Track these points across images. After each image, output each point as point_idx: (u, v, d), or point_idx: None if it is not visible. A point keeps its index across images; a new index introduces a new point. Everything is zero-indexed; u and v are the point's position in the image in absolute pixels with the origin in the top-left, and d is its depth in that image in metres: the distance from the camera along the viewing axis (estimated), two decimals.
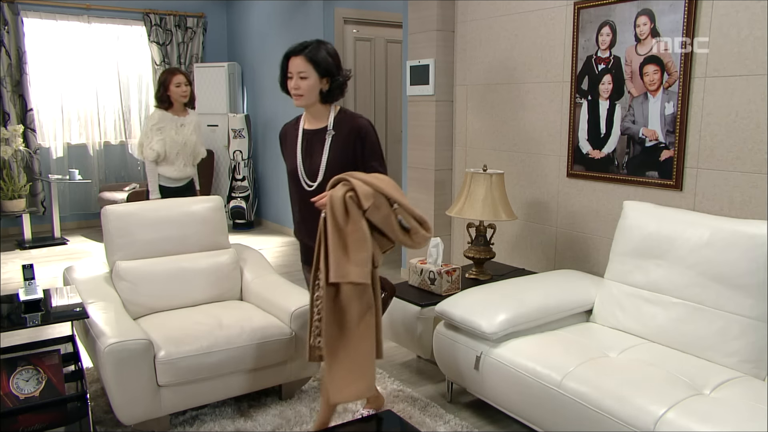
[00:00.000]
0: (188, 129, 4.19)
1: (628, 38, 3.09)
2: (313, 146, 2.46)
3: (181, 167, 4.23)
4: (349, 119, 2.47)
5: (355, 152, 2.43)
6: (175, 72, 4.11)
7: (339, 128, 2.44)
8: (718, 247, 2.40)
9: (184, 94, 4.09)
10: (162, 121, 4.10)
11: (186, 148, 4.18)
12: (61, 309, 2.50)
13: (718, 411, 1.96)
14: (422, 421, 2.75)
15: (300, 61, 2.37)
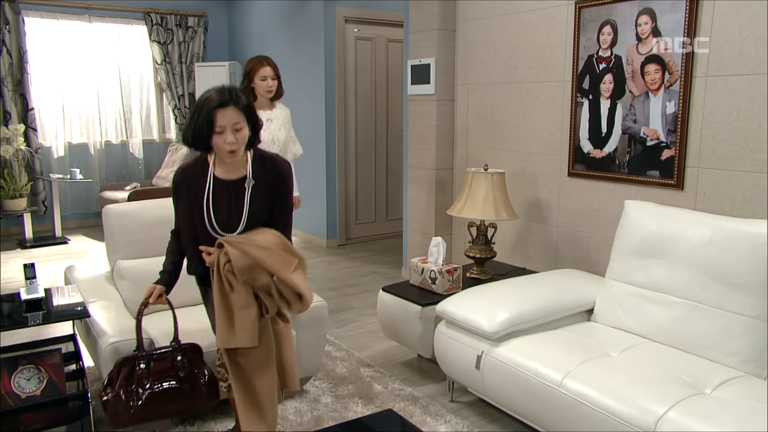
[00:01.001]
0: (275, 125, 3.69)
1: (630, 37, 3.09)
2: (228, 197, 2.23)
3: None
4: (268, 164, 2.28)
5: (277, 197, 2.28)
6: (262, 63, 3.55)
7: (258, 176, 2.24)
8: (719, 246, 2.40)
9: (270, 89, 3.58)
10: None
11: (273, 147, 3.67)
12: (63, 308, 2.50)
13: (718, 410, 1.96)
14: (423, 420, 2.75)
15: (233, 112, 2.07)
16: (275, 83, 3.61)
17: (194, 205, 2.24)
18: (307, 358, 2.88)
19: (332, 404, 2.90)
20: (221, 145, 2.09)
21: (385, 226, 6.62)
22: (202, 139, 2.11)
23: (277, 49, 6.65)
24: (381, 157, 6.50)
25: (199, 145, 2.15)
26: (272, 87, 3.59)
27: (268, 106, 3.70)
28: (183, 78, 7.31)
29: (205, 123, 2.07)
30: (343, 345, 3.62)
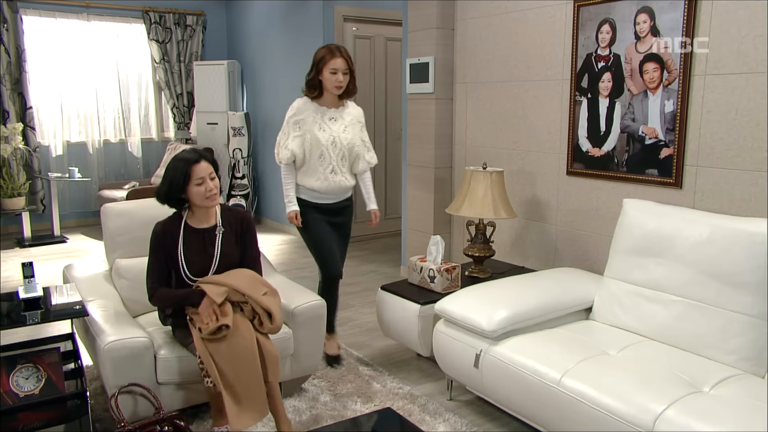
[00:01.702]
0: (340, 125, 3.20)
1: (628, 36, 3.09)
2: (200, 243, 2.60)
3: (328, 175, 3.17)
4: (233, 213, 2.72)
5: (244, 242, 2.69)
6: (334, 53, 3.10)
7: (227, 224, 2.67)
8: (718, 245, 2.40)
9: (339, 84, 3.12)
10: (302, 112, 3.18)
11: (335, 150, 3.16)
12: (61, 307, 2.50)
13: (717, 408, 1.96)
14: (422, 419, 2.75)
15: (206, 165, 2.55)
16: (346, 79, 3.14)
17: (171, 252, 2.57)
18: (305, 357, 2.88)
19: (331, 403, 2.90)
20: (203, 192, 2.52)
21: (383, 224, 6.61)
22: (176, 191, 2.53)
23: (276, 47, 6.65)
24: (380, 155, 6.46)
25: (172, 196, 2.55)
26: (342, 83, 3.13)
27: (335, 103, 3.23)
28: (182, 77, 7.30)
29: (181, 178, 2.50)
30: (342, 344, 3.62)
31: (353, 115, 3.28)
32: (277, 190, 6.94)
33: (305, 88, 3.22)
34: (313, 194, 3.22)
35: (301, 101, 3.22)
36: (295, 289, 3.05)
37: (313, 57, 3.18)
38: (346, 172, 3.25)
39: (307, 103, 3.20)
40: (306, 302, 2.87)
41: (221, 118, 7.00)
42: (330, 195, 3.23)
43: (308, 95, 3.21)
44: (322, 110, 3.19)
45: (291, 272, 5.11)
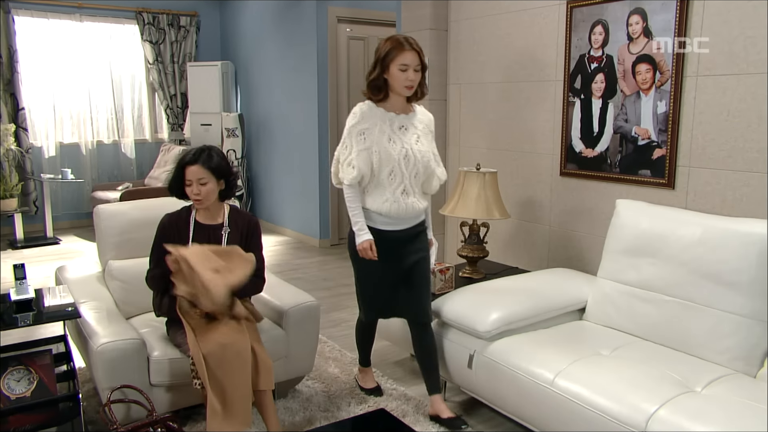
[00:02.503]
0: (412, 134, 2.65)
1: (621, 37, 3.10)
2: (208, 240, 2.61)
3: (399, 196, 2.63)
4: (242, 216, 2.74)
5: (247, 245, 2.67)
6: (403, 46, 2.55)
7: (233, 225, 2.68)
8: (710, 245, 2.41)
9: (410, 83, 2.58)
10: (367, 119, 2.61)
11: (408, 166, 2.62)
12: (53, 309, 2.49)
13: (709, 408, 1.97)
14: (416, 419, 2.75)
15: (197, 169, 2.54)
16: (418, 77, 2.60)
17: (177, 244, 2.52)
18: (299, 358, 2.88)
19: (325, 404, 2.89)
20: (189, 194, 2.57)
21: None
22: (177, 187, 2.61)
23: (270, 48, 6.64)
24: None
25: (174, 191, 2.64)
26: (414, 82, 2.59)
27: (404, 108, 2.69)
28: (175, 78, 7.29)
29: (179, 176, 2.57)
30: (336, 345, 3.62)
31: (424, 122, 2.74)
32: (271, 191, 6.94)
33: (367, 90, 2.67)
34: (378, 219, 2.66)
35: (365, 106, 2.65)
36: (288, 290, 3.04)
37: (375, 51, 2.65)
38: (419, 193, 2.70)
39: (372, 108, 2.64)
40: (299, 303, 2.87)
41: (215, 119, 6.99)
42: (399, 220, 2.67)
43: (372, 98, 2.65)
44: (389, 117, 2.64)
45: (285, 273, 5.11)
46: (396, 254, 2.69)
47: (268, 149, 6.93)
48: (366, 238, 2.62)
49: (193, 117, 7.17)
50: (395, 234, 2.68)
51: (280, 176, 6.76)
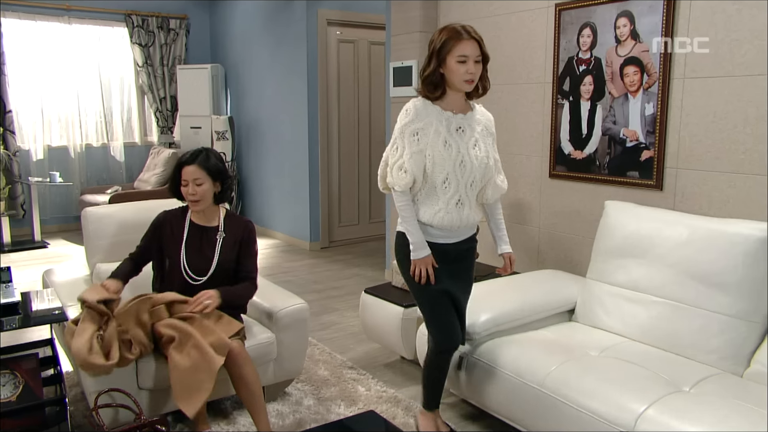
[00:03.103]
0: (469, 137, 2.33)
1: (609, 39, 3.12)
2: (201, 242, 2.65)
3: (452, 207, 2.32)
4: (237, 221, 2.76)
5: (242, 251, 2.70)
6: (461, 36, 2.24)
7: (228, 230, 2.70)
8: (697, 245, 2.42)
9: (470, 77, 2.26)
10: (422, 118, 2.30)
11: (464, 173, 2.31)
12: (40, 312, 2.46)
13: (697, 407, 1.98)
14: (406, 421, 2.75)
15: (194, 169, 2.56)
16: (479, 69, 2.29)
17: (167, 242, 2.64)
18: (288, 360, 2.87)
19: (314, 406, 2.88)
20: (185, 194, 2.60)
21: (368, 228, 6.61)
22: (174, 188, 2.64)
23: (260, 51, 6.63)
24: (364, 159, 6.49)
25: (172, 191, 2.66)
26: (474, 75, 2.27)
27: (462, 106, 2.38)
28: (165, 80, 7.26)
29: (175, 175, 2.61)
30: (326, 347, 3.61)
31: (483, 123, 2.42)
32: (261, 194, 6.92)
33: (422, 86, 2.35)
34: (427, 231, 2.36)
35: (420, 103, 2.33)
36: (278, 292, 3.03)
37: (429, 43, 2.32)
38: (474, 203, 2.40)
39: (427, 105, 2.32)
40: (289, 306, 2.86)
41: (205, 121, 6.97)
42: (451, 233, 2.38)
43: (428, 96, 2.34)
44: (446, 116, 2.33)
45: (275, 276, 5.09)
46: (446, 269, 2.38)
47: (258, 152, 6.91)
48: (424, 255, 2.31)
49: (183, 120, 7.14)
50: (445, 247, 2.38)
51: (270, 179, 6.75)
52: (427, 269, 2.31)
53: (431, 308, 2.39)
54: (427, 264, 2.31)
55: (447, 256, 2.39)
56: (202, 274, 2.62)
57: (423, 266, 2.31)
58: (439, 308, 2.39)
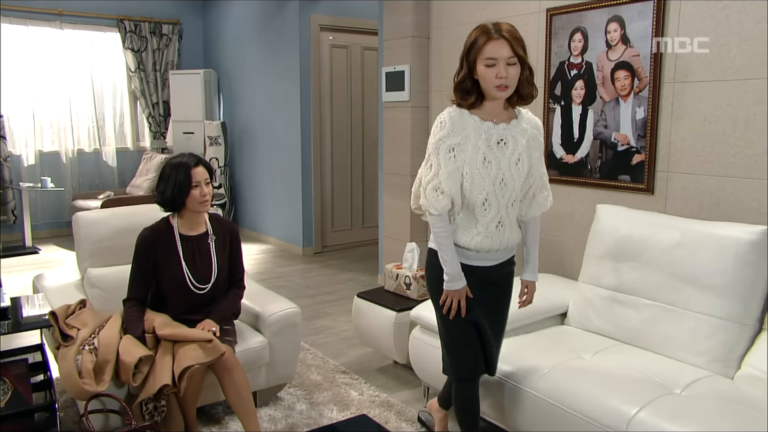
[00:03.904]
0: (512, 151, 2.07)
1: (600, 44, 3.14)
2: (195, 252, 2.64)
3: (492, 230, 2.11)
4: (222, 223, 2.76)
5: (230, 252, 2.73)
6: (490, 35, 1.98)
7: (217, 233, 2.71)
8: (688, 248, 2.43)
9: (501, 83, 1.97)
10: (458, 131, 2.04)
11: (504, 193, 2.08)
12: (30, 318, 2.45)
13: (688, 409, 1.98)
14: (398, 426, 2.74)
15: (202, 170, 2.60)
16: (514, 73, 1.99)
17: (162, 259, 2.58)
18: (281, 365, 2.85)
19: (307, 411, 2.87)
20: (197, 197, 2.55)
21: (361, 233, 6.61)
22: (182, 195, 2.54)
23: (253, 56, 6.63)
24: (357, 164, 6.50)
25: (177, 201, 2.56)
26: (506, 80, 1.98)
27: (503, 115, 2.10)
28: (157, 86, 7.25)
29: (186, 180, 2.53)
30: (319, 352, 3.60)
31: (530, 133, 2.12)
32: (254, 199, 6.90)
33: (455, 95, 2.09)
34: (462, 253, 2.14)
35: (455, 113, 2.06)
36: (270, 297, 3.02)
37: (465, 44, 2.06)
38: (514, 224, 2.19)
39: (463, 116, 2.06)
40: (280, 310, 2.85)
41: (197, 127, 6.96)
42: (489, 256, 2.16)
43: (462, 104, 2.08)
44: (486, 128, 2.06)
45: (268, 281, 5.08)
46: (481, 295, 2.18)
47: (251, 157, 6.91)
48: (459, 287, 2.10)
49: (176, 125, 7.13)
50: (481, 270, 2.17)
51: (263, 184, 6.74)
52: (460, 301, 2.11)
53: (452, 335, 2.21)
54: (461, 296, 2.11)
55: (483, 280, 2.17)
56: (205, 282, 2.63)
57: (456, 298, 2.11)
58: (461, 336, 2.20)
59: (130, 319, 2.54)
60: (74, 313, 2.60)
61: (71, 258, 5.79)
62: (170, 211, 2.64)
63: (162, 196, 2.59)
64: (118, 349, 2.39)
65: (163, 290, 2.63)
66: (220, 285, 2.67)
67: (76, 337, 2.44)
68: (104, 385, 2.33)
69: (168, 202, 2.59)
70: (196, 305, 2.63)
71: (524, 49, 1.99)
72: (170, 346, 2.43)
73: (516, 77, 1.99)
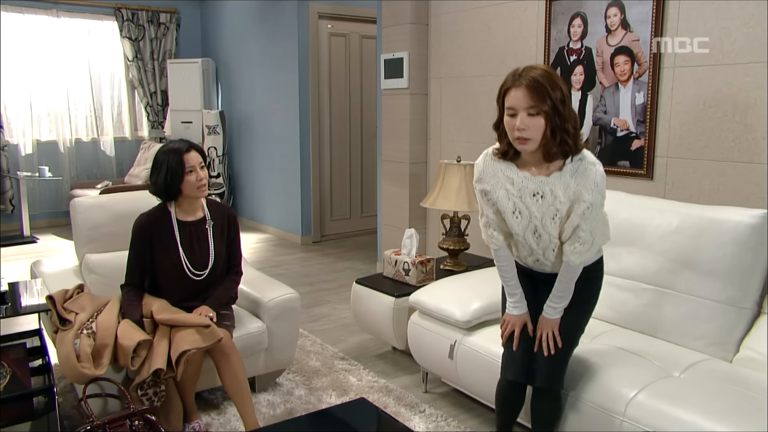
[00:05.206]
0: (551, 204, 1.95)
1: (599, 29, 3.12)
2: (193, 238, 2.61)
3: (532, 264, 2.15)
4: (219, 208, 2.73)
5: (228, 236, 2.70)
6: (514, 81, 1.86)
7: (214, 217, 2.68)
8: (687, 233, 2.43)
9: (520, 134, 1.85)
10: (487, 179, 2.04)
11: (539, 243, 2.04)
12: (29, 303, 2.44)
13: (686, 391, 1.98)
14: (398, 411, 2.74)
15: (196, 155, 2.55)
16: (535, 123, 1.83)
17: (160, 245, 2.55)
18: (279, 350, 2.85)
19: (306, 396, 2.87)
20: (193, 182, 2.51)
21: (360, 222, 6.60)
22: (176, 181, 2.49)
23: (251, 45, 6.60)
24: (355, 153, 6.48)
25: (172, 188, 2.51)
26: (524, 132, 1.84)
27: (540, 164, 1.95)
28: (155, 75, 7.22)
29: (179, 166, 2.47)
30: (317, 339, 3.60)
31: (573, 189, 1.91)
32: (252, 189, 6.89)
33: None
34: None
35: (488, 159, 2.04)
36: (269, 283, 3.02)
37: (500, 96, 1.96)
38: (559, 256, 2.07)
39: (495, 163, 2.02)
40: (279, 296, 2.85)
41: (196, 116, 6.93)
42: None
43: (497, 151, 2.02)
44: (521, 178, 1.96)
45: (266, 270, 5.07)
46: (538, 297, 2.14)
47: (249, 146, 6.89)
48: (518, 313, 2.11)
49: (174, 114, 7.10)
50: (539, 275, 2.16)
51: (261, 173, 6.72)
52: (514, 331, 2.10)
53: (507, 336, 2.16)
54: (516, 324, 2.11)
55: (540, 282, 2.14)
56: (203, 268, 2.62)
57: (512, 326, 2.12)
58: (512, 339, 2.14)
59: (128, 304, 2.53)
60: (72, 297, 2.60)
61: (69, 247, 5.78)
62: (166, 199, 2.59)
63: (156, 185, 2.55)
64: (117, 334, 2.39)
65: (160, 276, 2.62)
66: (217, 271, 2.66)
67: (74, 322, 2.43)
68: (102, 369, 2.33)
69: (162, 190, 2.54)
70: (194, 292, 2.62)
71: (553, 98, 1.81)
72: (167, 330, 2.42)
73: (539, 129, 1.83)
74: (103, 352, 2.35)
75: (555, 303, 2.08)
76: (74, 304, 2.55)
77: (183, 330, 2.38)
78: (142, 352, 2.37)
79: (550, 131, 1.84)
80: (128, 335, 2.36)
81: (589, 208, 1.91)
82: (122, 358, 2.35)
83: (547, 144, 1.86)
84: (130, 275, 2.61)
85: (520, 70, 1.87)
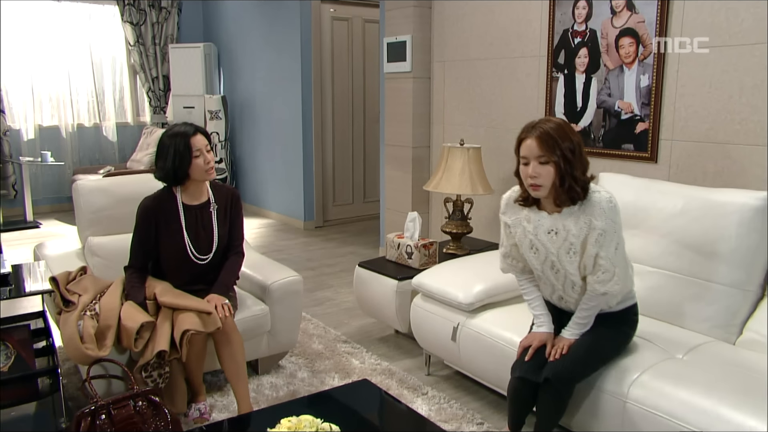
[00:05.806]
0: (565, 239, 2.05)
1: (604, 11, 3.09)
2: (198, 222, 2.60)
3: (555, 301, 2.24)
4: (223, 189, 2.70)
5: (231, 217, 2.68)
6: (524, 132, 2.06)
7: (218, 200, 2.66)
8: (691, 215, 2.41)
9: (531, 182, 2.01)
10: (509, 213, 2.19)
11: (559, 278, 2.13)
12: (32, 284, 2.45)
13: (689, 373, 1.98)
14: (400, 393, 2.75)
15: (201, 137, 2.53)
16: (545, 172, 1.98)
17: (165, 229, 2.54)
18: (282, 333, 2.86)
19: (308, 379, 2.88)
20: (202, 165, 2.49)
21: (362, 207, 6.60)
22: (184, 166, 2.48)
23: (253, 29, 6.56)
24: (358, 138, 6.46)
25: (180, 173, 2.49)
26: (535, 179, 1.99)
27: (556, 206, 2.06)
28: (157, 60, 7.18)
29: (186, 150, 2.46)
30: (320, 322, 3.61)
31: (582, 222, 2.01)
32: (255, 174, 6.88)
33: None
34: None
35: (513, 194, 2.19)
36: (272, 266, 3.02)
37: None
38: (581, 293, 2.13)
39: (509, 205, 2.20)
40: (282, 278, 2.85)
41: (198, 101, 6.91)
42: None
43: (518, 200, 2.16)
44: (538, 217, 2.10)
45: (269, 254, 5.06)
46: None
47: (251, 131, 6.87)
48: (541, 331, 2.17)
49: (176, 99, 7.07)
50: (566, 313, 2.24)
51: (263, 158, 6.71)
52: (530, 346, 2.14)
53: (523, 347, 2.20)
54: (535, 339, 2.15)
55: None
56: (206, 252, 2.61)
57: (530, 340, 2.16)
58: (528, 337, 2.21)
59: (132, 286, 2.53)
60: (75, 279, 2.60)
61: (72, 233, 5.78)
62: (173, 184, 2.56)
63: (163, 170, 2.52)
64: (120, 315, 2.40)
65: (164, 260, 2.61)
66: (221, 254, 2.66)
67: (77, 303, 2.44)
68: (106, 350, 2.33)
69: (170, 175, 2.51)
70: (197, 275, 2.62)
71: (562, 148, 1.95)
72: (170, 313, 2.43)
73: (548, 177, 1.98)
74: (106, 334, 2.36)
75: (574, 329, 2.14)
76: (77, 285, 2.55)
77: (185, 312, 2.39)
78: (146, 334, 2.38)
79: (559, 179, 1.98)
80: (131, 317, 2.37)
81: (602, 235, 1.99)
82: (125, 340, 2.35)
83: (556, 191, 2.01)
84: (133, 257, 2.61)
85: (534, 122, 2.04)
